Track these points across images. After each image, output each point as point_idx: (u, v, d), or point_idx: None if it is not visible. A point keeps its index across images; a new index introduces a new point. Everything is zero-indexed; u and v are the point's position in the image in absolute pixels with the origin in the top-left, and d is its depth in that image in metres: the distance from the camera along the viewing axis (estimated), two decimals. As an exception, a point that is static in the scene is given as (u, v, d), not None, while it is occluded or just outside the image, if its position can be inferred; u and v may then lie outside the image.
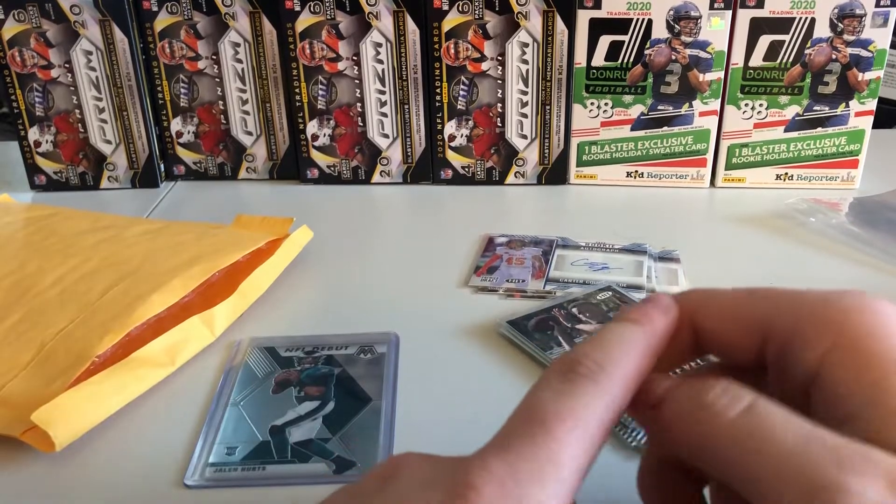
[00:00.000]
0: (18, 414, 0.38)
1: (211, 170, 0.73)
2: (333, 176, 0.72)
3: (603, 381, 0.23)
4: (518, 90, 0.67)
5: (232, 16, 0.68)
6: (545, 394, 0.22)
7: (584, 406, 0.22)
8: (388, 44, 0.67)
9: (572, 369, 0.23)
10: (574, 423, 0.21)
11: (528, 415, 0.22)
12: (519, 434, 0.21)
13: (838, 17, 0.63)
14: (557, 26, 0.65)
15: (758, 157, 0.68)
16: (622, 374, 0.23)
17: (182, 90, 0.70)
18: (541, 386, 0.23)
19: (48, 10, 0.66)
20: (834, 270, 0.55)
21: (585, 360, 0.23)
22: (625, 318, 0.26)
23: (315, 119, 0.70)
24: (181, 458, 0.38)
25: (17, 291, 0.49)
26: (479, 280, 0.53)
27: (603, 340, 0.24)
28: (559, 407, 0.22)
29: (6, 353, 0.43)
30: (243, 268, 0.51)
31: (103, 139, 0.71)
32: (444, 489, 0.20)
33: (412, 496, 0.21)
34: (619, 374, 0.23)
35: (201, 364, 0.45)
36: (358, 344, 0.46)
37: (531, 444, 0.21)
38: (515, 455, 0.21)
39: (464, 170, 0.71)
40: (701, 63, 0.65)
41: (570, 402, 0.22)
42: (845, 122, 0.66)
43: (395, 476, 0.22)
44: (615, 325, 0.25)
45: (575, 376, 0.23)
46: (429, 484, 0.21)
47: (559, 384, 0.22)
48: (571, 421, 0.21)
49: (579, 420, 0.21)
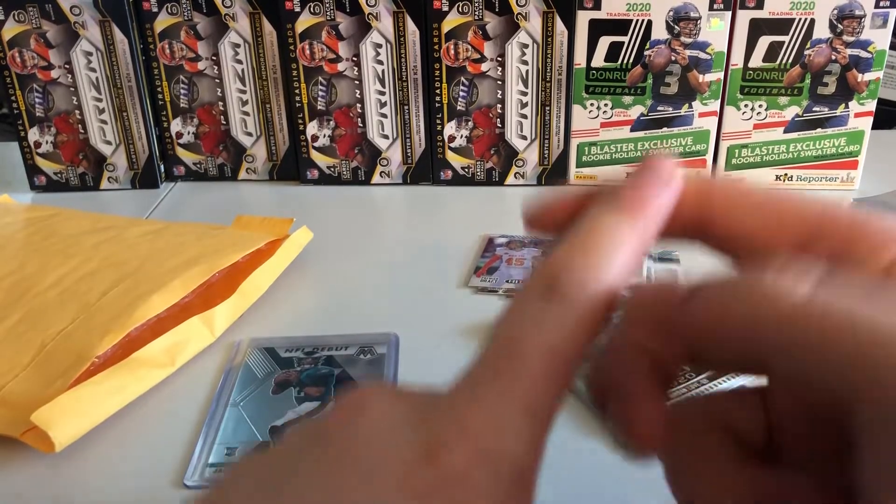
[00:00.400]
0: (18, 414, 0.38)
1: (211, 170, 0.73)
2: (333, 177, 0.72)
3: (587, 306, 0.20)
4: (518, 91, 0.67)
5: (232, 17, 0.68)
6: (520, 321, 0.20)
7: (564, 338, 0.19)
8: (388, 45, 0.67)
9: (551, 288, 0.20)
10: (552, 359, 0.19)
11: (502, 349, 0.19)
12: (492, 374, 0.19)
13: (838, 18, 0.63)
14: (557, 27, 0.65)
15: (757, 157, 0.68)
16: (607, 293, 0.20)
17: (182, 91, 0.70)
18: (517, 308, 0.20)
19: (48, 11, 0.66)
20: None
21: (566, 276, 0.20)
22: (614, 207, 0.21)
23: (315, 120, 0.70)
24: (181, 458, 0.38)
25: (17, 292, 0.49)
26: (479, 281, 0.53)
27: (586, 245, 0.20)
28: (536, 340, 0.19)
29: (6, 353, 0.43)
30: (243, 268, 0.51)
31: (103, 140, 0.71)
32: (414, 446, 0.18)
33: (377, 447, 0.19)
34: (604, 292, 0.20)
35: (201, 364, 0.45)
36: (358, 344, 0.46)
37: (506, 389, 0.19)
38: (490, 403, 0.18)
39: (464, 170, 0.71)
40: (700, 64, 0.65)
41: (548, 333, 0.19)
42: (845, 123, 0.66)
43: (360, 417, 0.20)
44: (601, 218, 0.21)
45: (554, 296, 0.19)
46: (397, 431, 0.19)
47: (535, 310, 0.19)
48: (550, 356, 0.19)
49: (558, 354, 0.19)
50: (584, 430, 0.39)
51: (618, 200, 0.21)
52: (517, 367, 0.19)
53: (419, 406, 0.20)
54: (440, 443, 0.18)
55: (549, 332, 0.19)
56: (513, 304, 0.20)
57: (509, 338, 0.19)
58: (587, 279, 0.20)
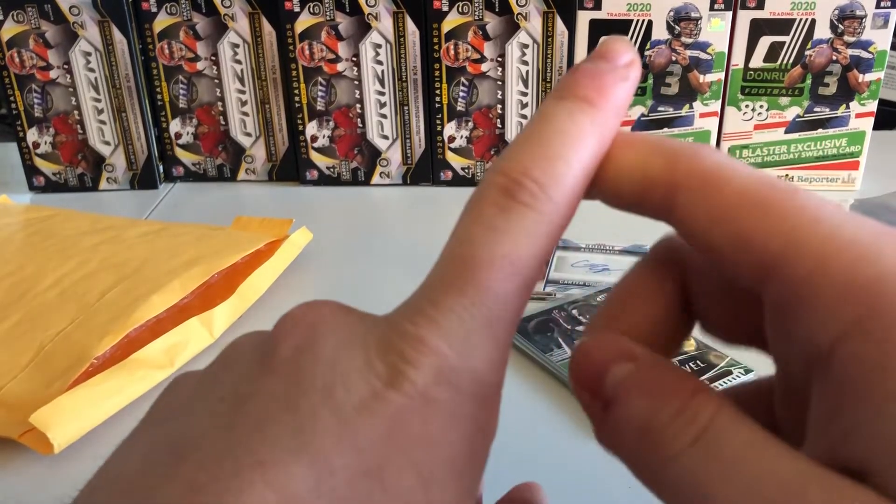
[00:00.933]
0: (17, 416, 0.38)
1: (210, 171, 0.73)
2: (333, 177, 0.72)
3: (548, 212, 0.18)
4: (518, 91, 0.67)
5: (231, 17, 0.67)
6: (476, 231, 0.18)
7: (524, 247, 0.18)
8: (388, 45, 0.66)
9: (510, 194, 0.18)
10: (511, 269, 0.18)
11: (459, 260, 0.18)
12: (450, 289, 0.18)
13: (839, 19, 0.63)
14: (557, 27, 0.65)
15: (758, 158, 0.68)
16: (570, 196, 0.19)
17: (181, 91, 0.70)
18: (474, 216, 0.19)
19: (47, 11, 0.66)
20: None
21: (526, 180, 0.18)
22: (574, 95, 0.19)
23: (314, 120, 0.70)
24: (180, 460, 0.38)
25: (16, 293, 0.49)
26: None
27: (546, 143, 0.19)
28: (494, 252, 0.18)
29: (5, 354, 0.43)
30: (242, 269, 0.51)
31: (102, 140, 0.71)
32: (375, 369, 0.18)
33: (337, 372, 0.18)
34: (567, 196, 0.19)
35: (200, 366, 0.45)
36: (358, 345, 0.46)
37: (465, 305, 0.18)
38: (449, 320, 0.18)
39: (464, 171, 0.71)
40: (701, 64, 0.65)
41: (507, 243, 0.18)
42: (846, 124, 0.66)
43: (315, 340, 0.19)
44: (560, 112, 0.19)
45: (513, 205, 0.18)
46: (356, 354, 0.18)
47: (494, 217, 0.18)
48: (508, 266, 0.18)
49: (517, 264, 0.18)
50: (584, 430, 0.38)
51: (574, 88, 0.19)
52: (476, 281, 0.18)
53: (375, 324, 0.19)
54: (402, 363, 0.17)
55: (508, 241, 0.18)
56: (469, 210, 0.19)
57: (466, 249, 0.18)
58: (546, 182, 0.18)
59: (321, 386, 0.18)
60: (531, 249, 0.18)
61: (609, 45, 0.20)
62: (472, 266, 0.18)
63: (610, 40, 0.20)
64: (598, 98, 0.19)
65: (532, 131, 0.19)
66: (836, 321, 0.16)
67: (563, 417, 0.40)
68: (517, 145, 0.19)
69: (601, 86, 0.19)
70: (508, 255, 0.18)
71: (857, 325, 0.15)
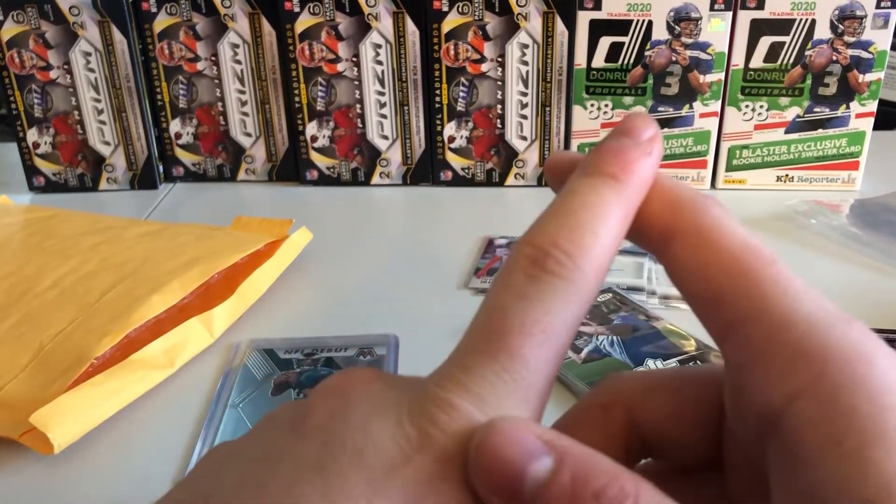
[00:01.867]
0: (17, 416, 0.38)
1: (210, 171, 0.73)
2: (333, 177, 0.72)
3: (576, 280, 0.19)
4: (518, 91, 0.67)
5: (231, 17, 0.67)
6: (507, 299, 0.19)
7: (555, 314, 0.19)
8: (388, 45, 0.66)
9: (539, 264, 0.19)
10: (542, 336, 0.18)
11: (490, 327, 0.19)
12: (480, 353, 0.18)
13: (839, 19, 0.63)
14: (557, 27, 0.65)
15: (758, 158, 0.68)
16: (598, 266, 0.19)
17: (181, 91, 0.70)
18: (503, 285, 0.19)
19: (47, 12, 0.66)
20: (834, 272, 0.55)
21: (554, 250, 0.19)
22: (599, 172, 0.20)
23: (314, 120, 0.70)
24: (180, 460, 0.38)
25: (15, 293, 0.48)
26: (478, 282, 0.53)
27: (573, 217, 0.20)
28: (525, 318, 0.18)
29: (5, 354, 0.43)
30: (242, 269, 0.51)
31: (102, 140, 0.71)
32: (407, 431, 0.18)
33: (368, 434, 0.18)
34: (595, 266, 0.19)
35: (200, 366, 0.45)
36: (357, 346, 0.46)
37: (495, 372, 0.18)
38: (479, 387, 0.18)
39: (463, 171, 0.71)
40: (701, 64, 0.65)
41: (538, 310, 0.18)
42: (846, 124, 0.66)
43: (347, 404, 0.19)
44: (587, 187, 0.20)
45: (543, 274, 0.19)
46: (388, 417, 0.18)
47: (524, 285, 0.19)
48: (540, 334, 0.18)
49: (548, 331, 0.18)
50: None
51: (599, 165, 0.20)
52: (507, 347, 0.18)
53: (407, 389, 0.19)
54: (431, 427, 0.18)
55: (538, 309, 0.19)
56: (499, 279, 0.20)
57: (497, 316, 0.19)
58: (574, 251, 0.19)
59: (352, 449, 0.18)
60: (561, 317, 0.19)
61: (632, 122, 0.21)
62: (502, 332, 0.18)
63: (632, 116, 0.21)
64: (623, 174, 0.20)
65: (559, 205, 0.20)
66: (788, 382, 0.17)
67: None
68: (545, 218, 0.20)
69: (625, 161, 0.20)
70: (539, 321, 0.18)
71: (807, 388, 0.17)
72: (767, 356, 0.18)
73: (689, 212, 0.20)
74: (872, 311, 0.49)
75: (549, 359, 0.19)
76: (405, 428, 0.18)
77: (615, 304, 0.49)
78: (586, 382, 0.41)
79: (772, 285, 0.19)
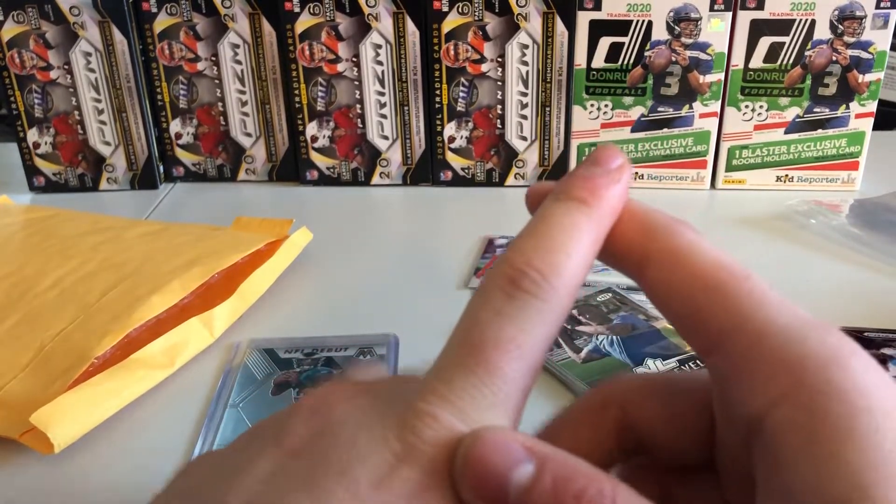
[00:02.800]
0: (17, 415, 0.38)
1: (210, 171, 0.73)
2: (333, 177, 0.72)
3: (549, 298, 0.20)
4: (518, 92, 0.67)
5: (231, 17, 0.67)
6: (485, 316, 0.20)
7: (529, 331, 0.20)
8: (388, 45, 0.66)
9: (515, 284, 0.20)
10: (518, 352, 0.19)
11: (470, 342, 0.20)
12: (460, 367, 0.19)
13: (838, 19, 0.63)
14: (557, 28, 0.65)
15: (758, 158, 0.68)
16: (570, 285, 0.20)
17: (181, 91, 0.70)
18: (480, 304, 0.20)
19: (47, 12, 0.66)
20: (834, 272, 0.55)
21: (529, 270, 0.20)
22: (570, 196, 0.22)
23: (314, 121, 0.70)
24: (180, 460, 0.38)
25: (16, 293, 0.49)
26: (479, 282, 0.53)
27: (547, 238, 0.21)
28: (500, 334, 0.19)
29: (5, 354, 0.43)
30: (242, 269, 0.51)
31: (102, 141, 0.71)
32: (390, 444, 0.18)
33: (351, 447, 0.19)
34: (567, 285, 0.20)
35: (200, 366, 0.45)
36: (357, 346, 0.46)
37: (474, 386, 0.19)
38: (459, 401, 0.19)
39: (463, 171, 0.71)
40: (701, 65, 0.65)
41: (513, 327, 0.20)
42: (846, 124, 0.66)
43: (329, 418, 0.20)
44: (559, 210, 0.21)
45: (518, 293, 0.20)
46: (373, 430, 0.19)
47: (500, 304, 0.20)
48: (515, 350, 0.19)
49: (523, 346, 0.19)
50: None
51: (570, 191, 0.22)
52: (484, 362, 0.19)
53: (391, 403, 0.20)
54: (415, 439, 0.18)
55: (513, 326, 0.20)
56: (477, 297, 0.21)
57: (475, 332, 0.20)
58: (548, 271, 0.20)
59: (338, 464, 0.18)
60: (535, 333, 0.20)
61: (601, 153, 0.23)
62: (480, 348, 0.19)
63: (602, 148, 0.23)
64: (592, 198, 0.21)
65: (534, 227, 0.21)
66: (768, 390, 0.18)
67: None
68: (521, 240, 0.21)
69: (594, 187, 0.22)
70: (514, 338, 0.20)
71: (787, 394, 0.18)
72: (749, 367, 0.19)
73: (663, 236, 0.21)
74: (872, 311, 0.49)
75: (525, 372, 0.20)
76: (391, 442, 0.18)
77: (615, 303, 0.49)
78: (586, 382, 0.41)
79: (748, 299, 0.20)
